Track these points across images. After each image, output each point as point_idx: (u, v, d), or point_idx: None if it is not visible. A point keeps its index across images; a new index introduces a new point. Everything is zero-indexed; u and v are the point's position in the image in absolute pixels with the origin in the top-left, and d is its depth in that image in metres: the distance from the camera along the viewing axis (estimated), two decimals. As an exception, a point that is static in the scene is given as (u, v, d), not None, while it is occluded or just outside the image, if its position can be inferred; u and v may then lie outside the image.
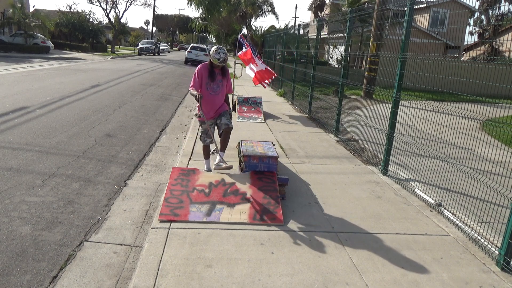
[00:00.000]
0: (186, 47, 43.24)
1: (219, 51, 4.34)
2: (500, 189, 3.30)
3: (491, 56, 19.10)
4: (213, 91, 4.46)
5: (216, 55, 4.32)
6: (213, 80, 4.42)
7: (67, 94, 10.29)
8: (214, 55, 4.33)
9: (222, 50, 4.36)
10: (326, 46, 25.34)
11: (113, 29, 42.53)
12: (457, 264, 3.10)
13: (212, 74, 4.40)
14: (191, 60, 28.77)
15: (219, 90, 4.50)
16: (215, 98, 4.50)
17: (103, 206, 3.97)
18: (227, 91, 4.64)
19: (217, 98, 4.51)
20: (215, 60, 4.32)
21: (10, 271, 2.77)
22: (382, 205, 4.17)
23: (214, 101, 4.50)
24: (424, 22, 25.10)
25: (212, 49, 4.40)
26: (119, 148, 5.98)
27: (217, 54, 4.32)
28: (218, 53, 4.32)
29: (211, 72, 4.40)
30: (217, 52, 4.32)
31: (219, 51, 4.34)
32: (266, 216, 3.64)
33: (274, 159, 4.43)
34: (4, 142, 5.70)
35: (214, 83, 4.44)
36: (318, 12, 30.66)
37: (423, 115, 4.53)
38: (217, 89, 4.48)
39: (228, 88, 4.65)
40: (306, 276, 2.78)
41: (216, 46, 4.42)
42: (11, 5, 27.80)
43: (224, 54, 4.34)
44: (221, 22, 34.37)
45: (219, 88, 4.49)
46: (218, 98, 4.52)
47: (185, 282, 2.63)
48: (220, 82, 4.48)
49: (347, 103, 11.76)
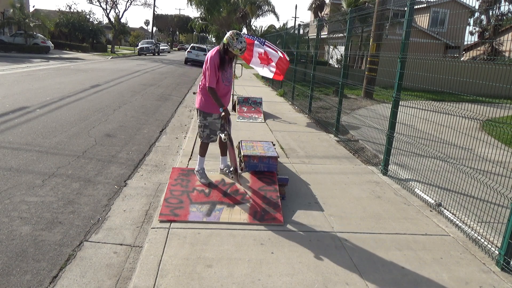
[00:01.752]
0: (186, 47, 43.27)
1: (241, 40, 3.73)
2: (500, 189, 3.30)
3: (491, 56, 19.09)
4: (228, 82, 4.03)
5: (238, 45, 3.73)
6: (224, 69, 3.94)
7: (67, 94, 10.29)
8: (235, 44, 3.72)
9: (243, 38, 3.76)
10: (326, 46, 25.35)
11: (113, 29, 42.54)
12: (457, 264, 3.10)
13: (224, 63, 3.89)
14: (191, 60, 28.78)
15: (231, 78, 4.11)
16: (229, 88, 4.12)
17: (103, 206, 3.97)
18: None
19: (230, 88, 4.16)
20: (236, 50, 3.75)
21: (10, 271, 2.77)
22: (382, 205, 4.17)
23: (228, 92, 4.13)
24: (424, 22, 25.09)
25: (230, 35, 3.76)
26: (119, 148, 5.98)
27: (238, 43, 3.73)
28: (240, 42, 3.73)
29: (223, 60, 3.86)
30: (238, 41, 3.72)
31: (240, 39, 3.73)
32: (266, 216, 3.64)
33: (274, 159, 4.43)
34: (4, 142, 5.70)
35: (227, 72, 4.00)
36: (318, 12, 30.66)
37: (423, 115, 4.53)
38: (230, 78, 4.06)
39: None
40: (306, 276, 2.78)
41: (235, 32, 3.79)
42: (11, 5, 27.80)
43: (245, 42, 3.79)
44: (221, 22, 34.36)
45: (230, 76, 4.08)
46: (231, 87, 4.17)
47: (185, 282, 2.63)
48: (229, 70, 4.06)
49: (347, 103, 11.76)
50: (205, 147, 4.30)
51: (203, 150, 4.29)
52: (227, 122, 3.93)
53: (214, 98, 3.88)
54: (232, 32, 3.78)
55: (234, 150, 4.07)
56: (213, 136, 4.17)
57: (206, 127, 4.12)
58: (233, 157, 4.05)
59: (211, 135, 4.15)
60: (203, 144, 4.28)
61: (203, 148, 4.29)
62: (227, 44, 3.76)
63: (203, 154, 4.29)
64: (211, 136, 4.16)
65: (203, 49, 29.69)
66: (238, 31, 3.81)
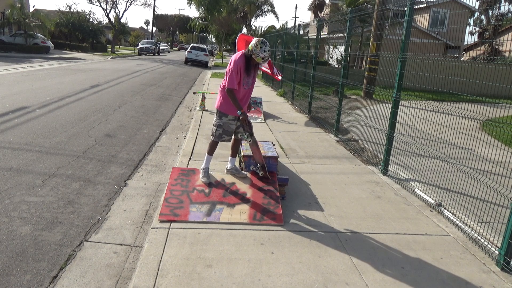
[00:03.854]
0: (186, 47, 43.27)
1: (264, 48, 3.69)
2: (500, 189, 3.30)
3: (491, 56, 19.10)
4: (247, 86, 4.04)
5: (261, 53, 3.70)
6: (248, 74, 3.95)
7: (67, 94, 10.29)
8: (259, 52, 3.70)
9: (268, 47, 3.70)
10: (326, 46, 25.35)
11: (113, 29, 42.54)
12: (457, 264, 3.10)
13: (249, 68, 3.89)
14: (191, 60, 28.79)
15: (252, 83, 4.11)
16: (248, 92, 4.12)
17: (103, 206, 3.96)
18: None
19: (250, 92, 4.15)
20: (258, 59, 3.75)
21: (10, 271, 2.77)
22: (382, 205, 4.17)
23: (246, 95, 4.12)
24: (424, 22, 25.09)
25: (255, 42, 3.73)
26: (119, 148, 5.98)
27: (262, 52, 3.69)
28: (263, 51, 3.69)
29: (248, 65, 3.87)
30: (262, 50, 3.68)
31: (264, 48, 3.69)
32: (266, 216, 3.64)
33: (274, 159, 4.43)
34: (4, 142, 5.70)
35: (249, 77, 4.00)
36: (318, 12, 30.67)
37: (423, 115, 4.53)
38: (250, 82, 4.07)
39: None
40: (306, 276, 2.78)
41: (260, 40, 3.72)
42: (10, 5, 27.78)
43: (269, 52, 3.73)
44: (221, 22, 34.38)
45: (251, 80, 4.07)
46: (251, 91, 4.16)
47: (185, 282, 2.63)
48: (252, 73, 4.05)
49: (347, 103, 11.76)
50: (214, 146, 4.30)
51: (212, 148, 4.29)
52: (247, 124, 3.95)
53: (232, 100, 3.88)
54: (258, 40, 3.75)
55: (259, 150, 4.19)
56: (225, 136, 4.17)
57: (220, 126, 4.14)
58: (259, 156, 4.18)
59: (223, 135, 4.16)
60: (213, 143, 4.28)
61: (212, 146, 4.29)
62: (251, 50, 3.77)
63: (210, 153, 4.30)
64: (223, 136, 4.16)
65: (203, 49, 29.70)
66: (264, 40, 3.74)
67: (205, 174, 4.25)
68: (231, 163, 4.45)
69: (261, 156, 4.19)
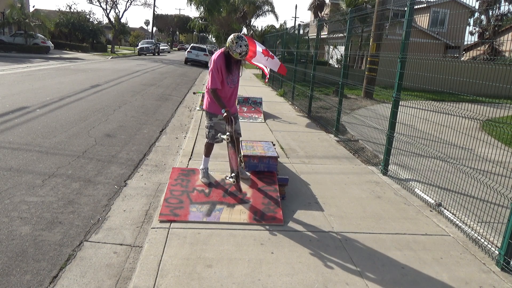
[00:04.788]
0: (186, 47, 43.28)
1: (240, 44, 3.65)
2: (500, 189, 3.30)
3: (491, 56, 19.10)
4: (233, 84, 4.01)
5: (237, 49, 3.67)
6: (231, 72, 3.91)
7: (67, 94, 10.29)
8: (234, 48, 3.67)
9: (244, 42, 3.67)
10: (326, 46, 25.35)
11: (113, 29, 42.54)
12: (457, 264, 3.10)
13: (229, 66, 3.85)
14: (191, 60, 28.80)
15: (237, 81, 4.06)
16: (233, 91, 4.09)
17: (103, 206, 3.97)
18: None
19: (235, 90, 4.12)
20: (235, 55, 3.71)
21: (10, 271, 2.77)
22: (382, 205, 4.17)
23: (233, 94, 4.09)
24: (424, 22, 25.09)
25: (231, 39, 3.70)
26: (119, 148, 5.98)
27: (238, 47, 3.66)
28: (239, 46, 3.66)
29: (229, 63, 3.83)
30: (238, 45, 3.65)
31: (240, 43, 3.65)
32: (266, 216, 3.64)
33: (274, 159, 4.43)
34: (4, 142, 5.70)
35: (232, 75, 3.96)
36: (318, 12, 30.67)
37: (423, 115, 4.53)
38: (236, 80, 4.03)
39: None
40: (306, 276, 2.78)
41: (236, 35, 3.70)
42: (10, 5, 27.78)
43: (246, 46, 3.69)
44: (221, 22, 34.34)
45: (236, 78, 4.03)
46: (236, 90, 4.12)
47: (185, 282, 2.63)
48: (236, 71, 4.00)
49: (347, 103, 11.76)
50: (209, 148, 4.29)
51: (207, 150, 4.30)
52: (229, 123, 3.88)
53: (216, 99, 3.87)
54: (233, 36, 3.73)
55: (236, 153, 3.93)
56: (218, 137, 4.12)
57: (212, 127, 4.14)
58: (234, 160, 3.91)
59: (216, 136, 4.13)
60: (208, 145, 4.28)
61: (208, 148, 4.29)
62: (228, 47, 3.75)
63: (207, 154, 4.31)
64: (216, 137, 4.12)
65: (203, 49, 29.73)
66: (240, 35, 3.73)
67: (205, 174, 4.26)
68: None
69: (236, 163, 3.93)
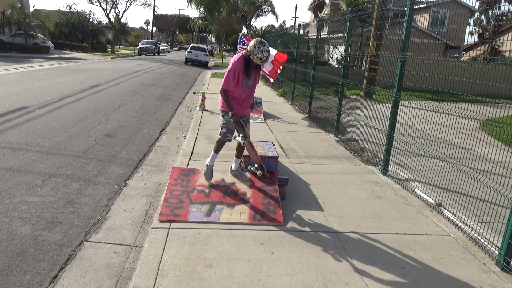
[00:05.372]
0: (186, 47, 43.27)
1: (262, 49, 3.63)
2: (500, 189, 3.30)
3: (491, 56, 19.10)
4: (247, 88, 3.98)
5: (259, 53, 3.64)
6: (248, 76, 3.89)
7: (67, 94, 10.29)
8: (256, 52, 3.64)
9: (266, 47, 3.66)
10: (326, 46, 25.34)
11: (113, 29, 42.53)
12: (457, 264, 3.10)
13: (248, 70, 3.83)
14: (191, 60, 28.80)
15: (252, 85, 4.04)
16: (249, 95, 4.06)
17: (103, 206, 3.97)
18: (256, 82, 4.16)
19: (250, 94, 4.08)
20: (256, 59, 3.68)
21: (10, 271, 2.77)
22: (382, 205, 4.17)
23: (247, 98, 4.07)
24: (424, 22, 25.09)
25: (253, 43, 3.68)
26: (119, 148, 5.98)
27: (259, 52, 3.63)
28: (261, 51, 3.63)
29: (247, 67, 3.81)
30: (259, 50, 3.63)
31: (262, 48, 3.63)
32: (266, 216, 3.64)
33: (274, 159, 4.43)
34: (4, 142, 5.70)
35: (249, 79, 3.94)
36: (318, 12, 30.67)
37: (423, 115, 4.53)
38: (251, 85, 4.00)
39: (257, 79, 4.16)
40: (306, 276, 2.78)
41: (259, 40, 3.69)
42: (10, 5, 27.79)
43: (268, 52, 3.67)
44: (221, 22, 34.38)
45: (251, 82, 4.00)
46: (251, 94, 4.10)
47: (185, 282, 2.63)
48: (253, 76, 3.98)
49: (347, 103, 11.76)
50: (220, 145, 4.22)
51: (218, 147, 4.23)
52: (240, 126, 3.90)
53: (225, 100, 3.85)
54: (256, 40, 3.72)
55: (255, 150, 4.16)
56: (229, 135, 4.11)
57: (224, 125, 4.09)
58: (255, 156, 4.15)
59: (227, 134, 4.09)
60: (219, 141, 4.21)
61: (218, 145, 4.22)
62: (249, 51, 3.73)
63: (217, 151, 4.23)
64: (227, 135, 4.10)
65: (203, 49, 29.73)
66: (262, 40, 3.70)
67: (208, 171, 4.18)
68: (235, 164, 4.40)
69: (257, 156, 4.16)
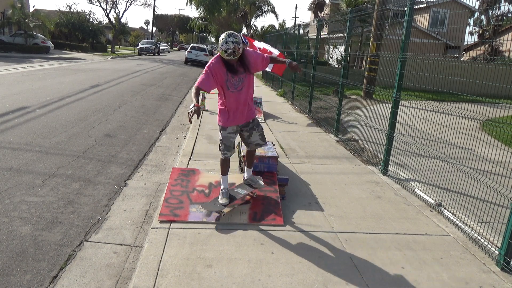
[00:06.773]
0: (186, 47, 43.30)
1: (226, 40, 3.27)
2: (500, 189, 3.30)
3: (491, 56, 19.10)
4: (234, 88, 3.53)
5: (222, 46, 3.29)
6: (233, 75, 3.49)
7: (67, 94, 10.29)
8: (220, 45, 3.31)
9: (232, 38, 3.28)
10: (326, 46, 25.34)
11: (113, 29, 42.54)
12: (457, 264, 3.10)
13: (230, 68, 3.46)
14: (191, 60, 28.82)
15: (242, 85, 3.55)
16: (239, 96, 3.57)
17: (103, 206, 3.97)
18: (262, 67, 3.68)
19: (242, 95, 3.58)
20: (221, 53, 3.34)
21: (10, 271, 2.77)
22: (382, 205, 4.17)
23: (239, 99, 3.58)
24: (424, 22, 25.09)
25: (221, 37, 3.35)
26: (119, 148, 5.98)
27: (223, 44, 3.28)
28: (225, 43, 3.27)
29: (228, 65, 3.45)
30: (223, 42, 3.28)
31: (226, 39, 3.27)
32: (266, 216, 3.64)
33: (274, 159, 4.43)
34: (4, 142, 5.70)
35: (235, 78, 3.51)
36: (318, 12, 30.65)
37: (423, 115, 4.53)
38: (239, 85, 3.54)
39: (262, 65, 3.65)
40: (306, 276, 2.78)
41: (227, 33, 3.35)
42: (10, 5, 27.80)
43: (233, 43, 3.26)
44: (221, 22, 34.37)
45: (238, 82, 3.53)
46: (243, 95, 3.58)
47: (185, 282, 2.63)
48: (242, 74, 3.52)
49: (347, 103, 11.76)
50: (223, 165, 3.83)
51: (222, 168, 3.85)
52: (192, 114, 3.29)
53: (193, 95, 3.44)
54: (225, 33, 3.38)
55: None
56: (227, 152, 3.74)
57: (221, 141, 3.75)
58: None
59: (225, 151, 3.74)
60: (221, 161, 3.84)
61: (221, 166, 3.85)
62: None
63: (224, 173, 3.85)
64: (225, 152, 3.74)
65: (203, 49, 29.76)
66: (231, 32, 3.38)
67: (224, 195, 3.80)
68: (247, 173, 4.12)
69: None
